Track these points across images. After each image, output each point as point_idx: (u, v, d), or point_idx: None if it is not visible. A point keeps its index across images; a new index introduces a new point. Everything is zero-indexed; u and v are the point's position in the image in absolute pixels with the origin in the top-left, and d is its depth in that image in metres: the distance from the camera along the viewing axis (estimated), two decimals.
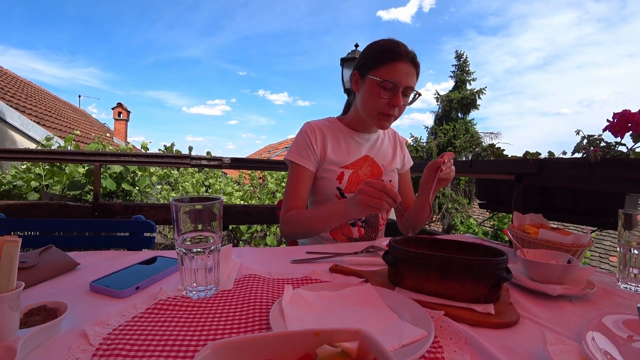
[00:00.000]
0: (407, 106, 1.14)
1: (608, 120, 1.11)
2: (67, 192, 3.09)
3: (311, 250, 0.95)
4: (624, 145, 1.13)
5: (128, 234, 1.23)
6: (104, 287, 0.65)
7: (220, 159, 2.53)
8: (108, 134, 5.75)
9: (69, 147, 3.74)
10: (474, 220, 8.43)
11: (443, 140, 10.77)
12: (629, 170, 1.05)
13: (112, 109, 13.73)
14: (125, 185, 3.45)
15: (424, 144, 11.30)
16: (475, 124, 11.30)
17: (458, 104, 11.16)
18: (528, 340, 0.51)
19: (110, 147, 3.89)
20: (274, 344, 0.32)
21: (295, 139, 1.20)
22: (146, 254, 0.89)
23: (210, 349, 0.30)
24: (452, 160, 1.07)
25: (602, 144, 1.21)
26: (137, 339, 0.49)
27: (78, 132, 4.20)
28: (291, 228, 1.11)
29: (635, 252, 0.79)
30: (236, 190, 5.01)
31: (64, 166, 3.26)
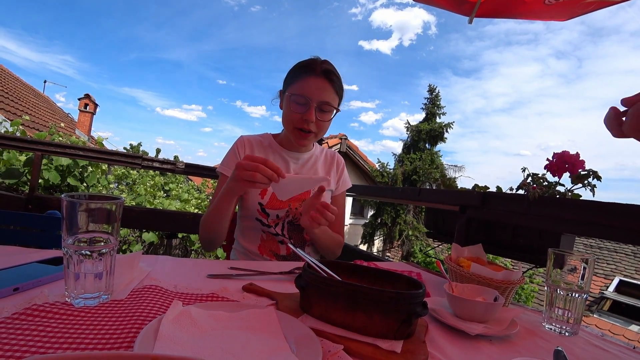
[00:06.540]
0: (328, 122, 1.12)
1: (548, 160, 1.13)
2: (3, 181, 2.83)
3: (235, 266, 0.87)
4: (563, 185, 1.15)
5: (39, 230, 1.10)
6: None
7: (174, 163, 2.42)
8: (62, 124, 5.38)
9: (17, 133, 3.45)
10: (432, 249, 8.55)
11: (409, 168, 10.95)
12: (564, 210, 1.06)
13: (79, 99, 13.07)
14: (71, 180, 3.20)
15: (390, 170, 11.47)
16: (441, 156, 11.58)
17: (426, 135, 11.41)
18: None
19: (60, 138, 3.63)
20: None
21: (227, 151, 1.21)
22: (53, 253, 0.77)
23: None
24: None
25: (545, 183, 1.23)
26: None
27: (27, 117, 3.90)
28: (201, 230, 1.07)
29: (561, 292, 0.77)
30: (195, 198, 4.80)
31: (3, 152, 3.00)
